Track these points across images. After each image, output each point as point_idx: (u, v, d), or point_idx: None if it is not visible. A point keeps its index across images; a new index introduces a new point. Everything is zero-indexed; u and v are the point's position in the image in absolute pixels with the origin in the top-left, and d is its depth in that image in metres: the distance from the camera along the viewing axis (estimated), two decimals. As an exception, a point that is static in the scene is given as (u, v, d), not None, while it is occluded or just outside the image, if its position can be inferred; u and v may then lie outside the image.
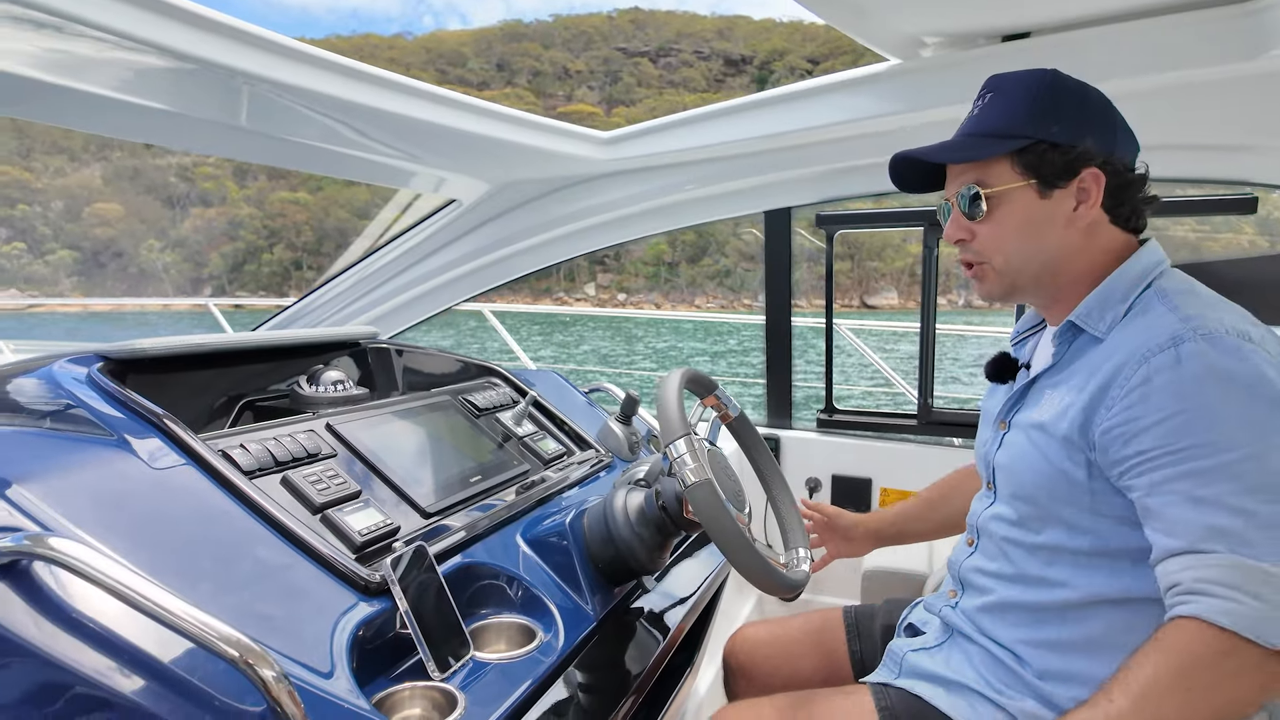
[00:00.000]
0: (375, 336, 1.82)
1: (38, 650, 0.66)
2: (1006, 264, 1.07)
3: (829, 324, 2.81)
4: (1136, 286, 1.03)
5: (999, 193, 1.04)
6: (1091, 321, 1.04)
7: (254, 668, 0.66)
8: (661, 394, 1.09)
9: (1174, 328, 0.93)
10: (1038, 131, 1.02)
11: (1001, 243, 1.06)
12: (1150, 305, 1.00)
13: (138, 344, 1.22)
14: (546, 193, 2.66)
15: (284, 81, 1.71)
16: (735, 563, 1.00)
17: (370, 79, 1.88)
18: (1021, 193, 1.03)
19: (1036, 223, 1.04)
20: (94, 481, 0.84)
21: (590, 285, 67.78)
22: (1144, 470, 0.91)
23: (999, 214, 1.05)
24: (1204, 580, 0.85)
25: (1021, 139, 1.02)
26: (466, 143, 2.21)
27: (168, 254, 75.65)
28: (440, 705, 0.86)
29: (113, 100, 1.68)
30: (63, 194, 74.61)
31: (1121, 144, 1.04)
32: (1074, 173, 1.02)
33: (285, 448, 1.08)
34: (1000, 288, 1.09)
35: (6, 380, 1.13)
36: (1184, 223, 2.56)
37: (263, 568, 0.86)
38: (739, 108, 2.35)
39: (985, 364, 1.22)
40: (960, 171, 1.08)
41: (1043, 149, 1.01)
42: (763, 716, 1.15)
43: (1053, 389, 1.06)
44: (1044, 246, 1.05)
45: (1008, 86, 1.06)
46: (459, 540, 1.10)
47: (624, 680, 1.09)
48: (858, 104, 2.22)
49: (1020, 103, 1.03)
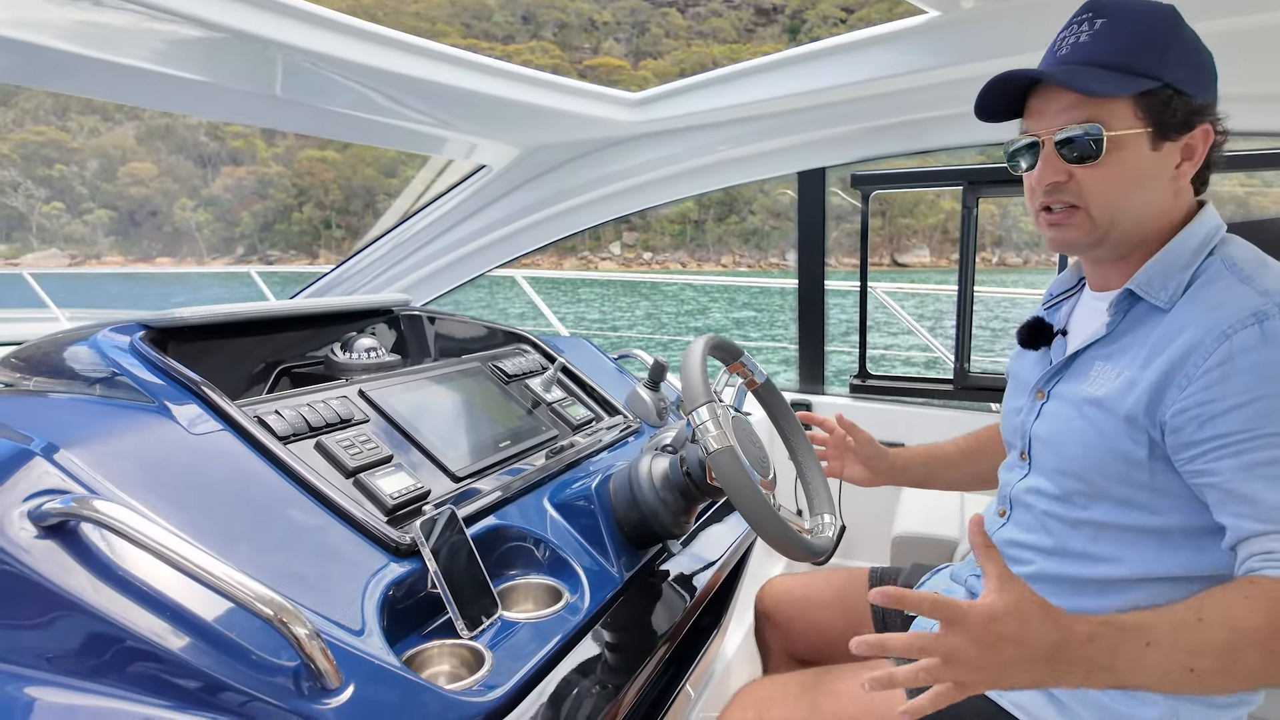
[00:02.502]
0: (408, 304, 1.84)
1: (85, 605, 0.70)
2: (1105, 214, 0.98)
3: (863, 287, 2.76)
4: (1200, 253, 0.96)
5: (1117, 136, 0.94)
6: (1152, 290, 0.97)
7: (288, 625, 0.69)
8: (685, 362, 1.10)
9: (1253, 302, 0.88)
10: (1167, 74, 0.92)
11: (1106, 190, 0.97)
12: (1218, 275, 0.94)
13: (178, 313, 1.26)
14: (576, 156, 2.65)
15: (318, 51, 1.72)
16: (756, 528, 1.01)
17: (404, 46, 1.88)
18: (1137, 140, 0.94)
19: (1144, 175, 0.96)
20: (136, 446, 0.88)
21: (616, 244, 67.18)
22: (1225, 454, 0.86)
23: (1111, 159, 0.95)
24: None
25: (1151, 80, 0.93)
26: (497, 107, 2.20)
27: (200, 213, 76.92)
28: (468, 662, 0.89)
29: (147, 72, 1.71)
30: (98, 153, 76.01)
31: (1215, 100, 0.98)
32: (1190, 126, 0.95)
33: (319, 413, 1.10)
34: (1089, 238, 1.00)
35: (55, 349, 1.18)
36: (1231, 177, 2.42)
37: (297, 529, 0.89)
38: (771, 65, 2.29)
39: (1018, 329, 1.17)
40: (1067, 106, 0.96)
41: (1169, 95, 0.93)
42: (789, 692, 1.15)
43: (1105, 361, 1.00)
44: (1146, 201, 0.98)
45: (1124, 16, 0.95)
46: (488, 503, 1.12)
47: (649, 639, 1.11)
48: (894, 59, 2.15)
49: (1148, 36, 0.94)
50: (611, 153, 2.60)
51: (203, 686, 0.70)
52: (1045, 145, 0.99)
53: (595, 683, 0.98)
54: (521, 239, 2.86)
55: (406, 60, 1.90)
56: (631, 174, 2.65)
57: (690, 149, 2.55)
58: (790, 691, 1.14)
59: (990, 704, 1.04)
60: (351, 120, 2.21)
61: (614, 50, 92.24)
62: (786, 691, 1.15)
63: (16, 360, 1.22)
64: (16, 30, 1.48)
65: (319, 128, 2.38)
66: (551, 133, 2.52)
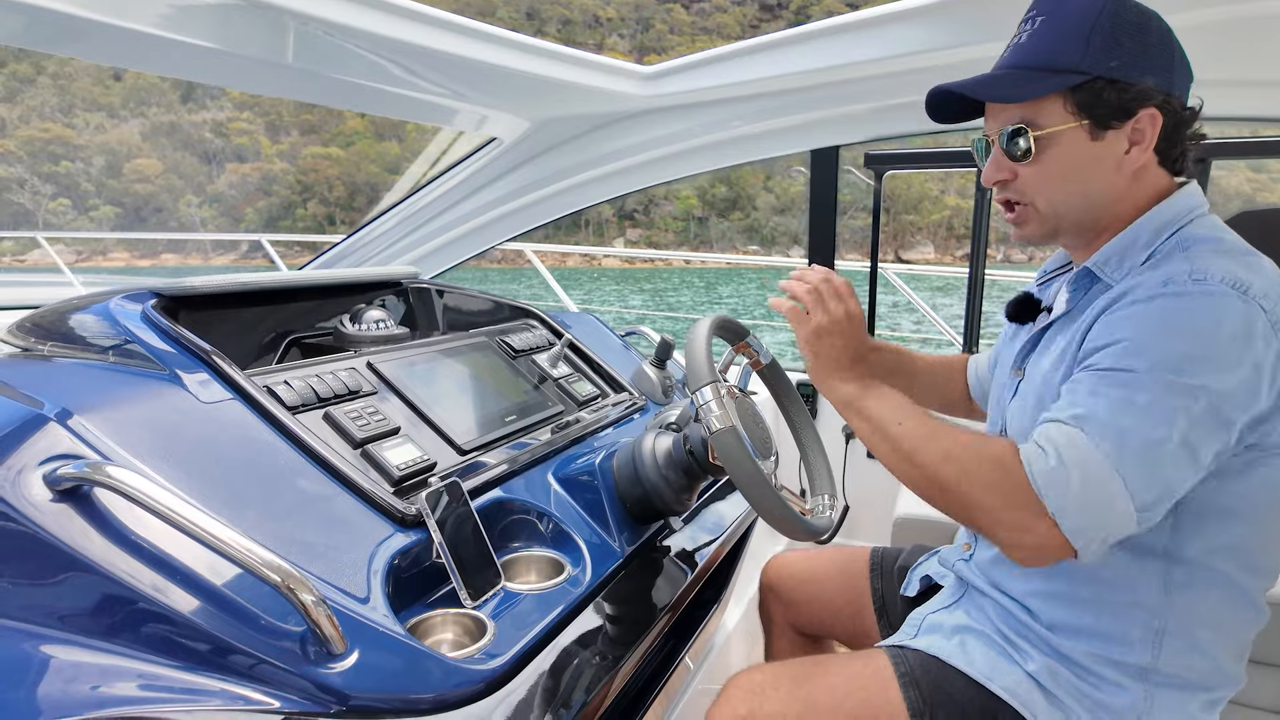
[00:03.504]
0: (416, 276, 1.85)
1: (98, 567, 0.72)
2: (1050, 208, 1.01)
3: (874, 268, 2.75)
4: (1161, 234, 0.97)
5: (1048, 134, 0.97)
6: (1109, 270, 0.99)
7: (295, 592, 0.71)
8: (690, 341, 1.10)
9: (1174, 270, 0.90)
10: (1094, 66, 0.94)
11: (1046, 186, 1.00)
12: (1170, 255, 0.95)
13: (189, 282, 1.27)
14: (587, 130, 2.63)
15: (331, 19, 1.71)
16: (756, 507, 1.02)
17: (415, 15, 1.86)
18: (1072, 134, 0.96)
19: (1085, 166, 0.98)
20: (148, 414, 0.89)
21: (619, 240, 66.96)
22: (1081, 371, 0.92)
23: (1046, 156, 0.98)
24: (1045, 437, 0.89)
25: (1076, 74, 0.94)
26: (508, 79, 2.19)
27: (205, 209, 76.73)
28: (471, 631, 0.91)
29: (157, 38, 1.71)
30: (103, 150, 75.77)
31: (1179, 78, 0.97)
32: (1130, 113, 0.95)
33: (328, 384, 1.12)
34: (1042, 231, 1.04)
35: (68, 315, 1.20)
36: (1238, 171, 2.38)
37: (305, 498, 0.91)
38: (784, 41, 2.26)
39: (1007, 304, 1.19)
40: (1003, 107, 1.01)
41: (1099, 86, 0.94)
42: (779, 680, 1.16)
43: (1061, 335, 1.03)
44: (1090, 190, 0.99)
45: (1061, 9, 0.97)
46: (493, 476, 1.14)
47: (649, 613, 1.13)
48: (911, 36, 2.12)
49: (1075, 31, 0.95)
50: (622, 127, 2.59)
51: (212, 649, 0.72)
52: (994, 145, 1.02)
53: (595, 653, 1.00)
54: (532, 212, 2.86)
55: (418, 30, 1.89)
56: (643, 149, 2.63)
57: (702, 124, 2.53)
58: (783, 681, 1.15)
59: (982, 691, 1.06)
60: (363, 90, 2.20)
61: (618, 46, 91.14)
62: (779, 681, 1.15)
63: (31, 325, 1.24)
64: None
65: (330, 97, 2.37)
66: (562, 105, 2.50)
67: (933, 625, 1.17)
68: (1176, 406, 0.85)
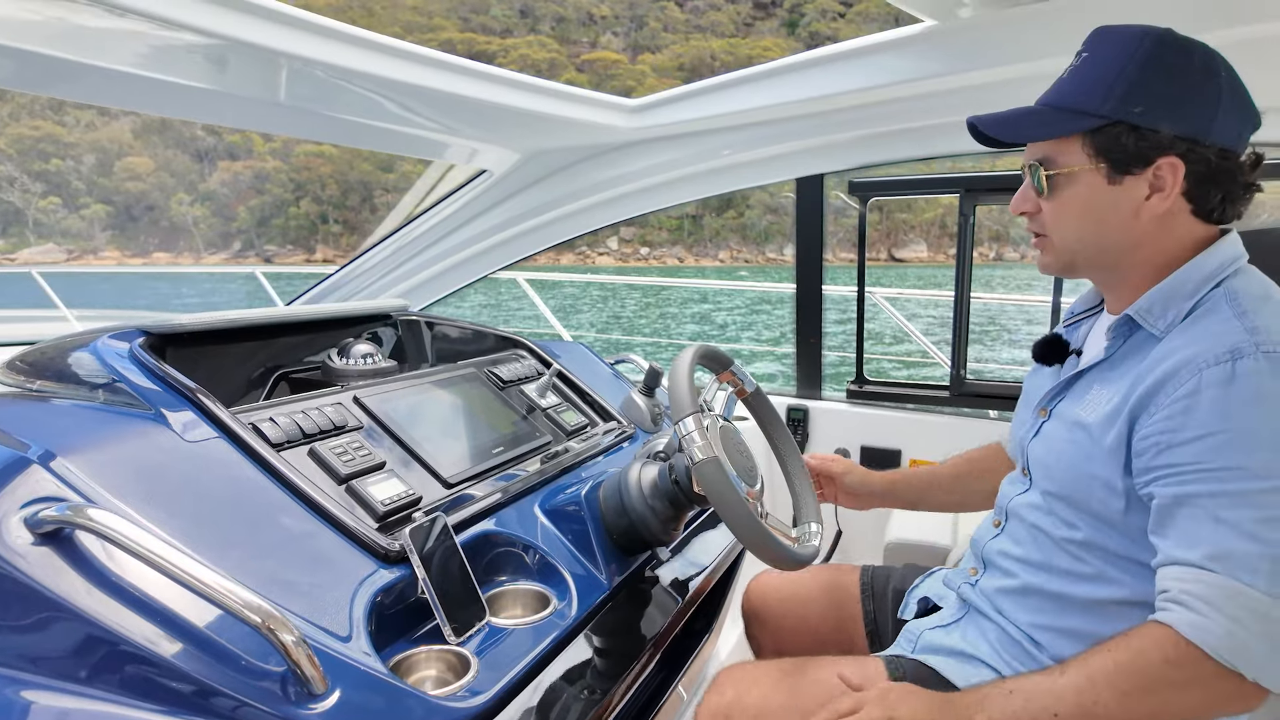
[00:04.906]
0: (406, 309, 1.86)
1: (79, 611, 0.72)
2: (1064, 244, 1.02)
3: (861, 292, 2.77)
4: (1206, 284, 0.95)
5: (1064, 174, 0.98)
6: (1151, 318, 0.98)
7: (275, 632, 0.71)
8: (672, 373, 1.11)
9: (1236, 339, 0.88)
10: (1116, 111, 0.93)
11: (1061, 223, 1.01)
12: (1217, 307, 0.93)
13: (178, 319, 1.28)
14: (576, 161, 2.66)
15: (323, 60, 1.74)
16: (740, 537, 1.03)
17: (404, 54, 1.90)
18: (1088, 176, 0.96)
19: (1100, 209, 0.97)
20: (132, 454, 0.90)
21: (613, 240, 67.01)
22: (1171, 482, 0.88)
23: (1062, 195, 0.99)
24: (1190, 594, 0.85)
25: (1095, 118, 0.94)
26: (496, 113, 2.22)
27: (197, 208, 76.32)
28: (455, 667, 0.91)
29: (150, 79, 1.73)
30: (94, 148, 75.47)
31: (1222, 124, 0.93)
32: (1149, 161, 0.93)
33: (313, 420, 1.12)
34: (1058, 264, 1.05)
35: (58, 354, 1.21)
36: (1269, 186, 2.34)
37: (288, 536, 0.91)
38: (769, 72, 2.30)
39: (1034, 344, 1.18)
40: (1033, 143, 1.02)
41: (1119, 131, 0.93)
42: (769, 672, 1.16)
43: (1101, 385, 1.02)
44: (1105, 233, 0.99)
45: (1105, 47, 0.96)
46: (479, 510, 1.14)
47: (637, 644, 1.13)
48: (893, 67, 2.16)
49: (1108, 72, 0.94)
50: (610, 158, 2.62)
51: (193, 691, 0.72)
52: (1026, 176, 1.04)
53: (582, 687, 1.00)
54: (522, 243, 2.88)
55: (407, 68, 1.92)
56: (630, 179, 2.66)
57: (688, 155, 2.56)
58: (771, 672, 1.16)
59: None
60: (354, 126, 2.23)
61: (612, 44, 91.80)
62: (767, 674, 1.16)
63: (22, 364, 1.25)
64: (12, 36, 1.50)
65: (321, 133, 2.40)
66: (551, 138, 2.54)
67: (931, 642, 1.17)
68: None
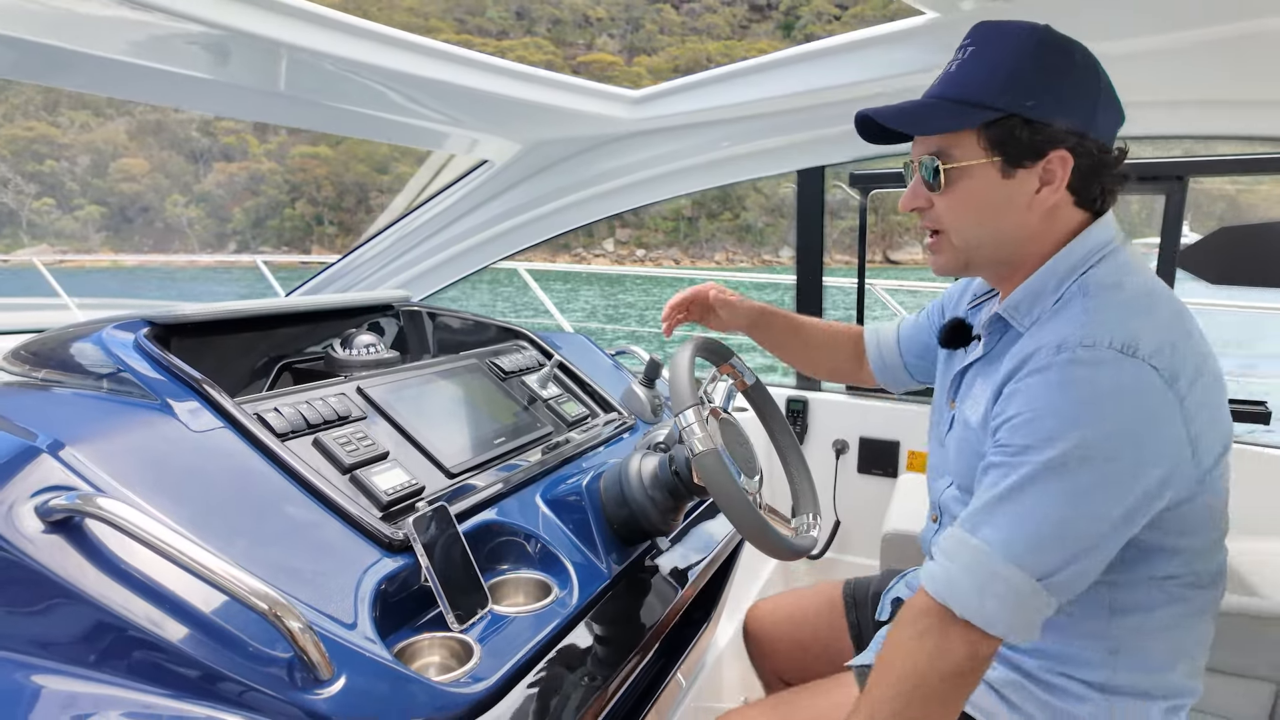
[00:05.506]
0: (408, 300, 1.87)
1: (89, 597, 0.74)
2: (962, 240, 1.01)
3: (861, 284, 2.78)
4: (1069, 277, 0.97)
5: (959, 168, 0.97)
6: (1019, 316, 1.00)
7: (282, 619, 0.73)
8: (673, 365, 1.12)
9: (1067, 333, 0.90)
10: (1011, 104, 0.92)
11: (957, 218, 1.00)
12: (1071, 301, 0.95)
13: (182, 309, 1.29)
14: (577, 152, 2.66)
15: (323, 50, 1.74)
16: (739, 528, 1.04)
17: (406, 45, 1.90)
18: (983, 170, 0.96)
19: (995, 203, 0.97)
20: (139, 444, 0.91)
21: (609, 241, 66.57)
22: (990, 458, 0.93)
23: (957, 189, 0.98)
24: (939, 548, 0.91)
25: (991, 111, 0.93)
26: (498, 104, 2.22)
27: (192, 209, 75.82)
28: (458, 654, 0.92)
29: (147, 69, 1.73)
30: (89, 149, 74.91)
31: (1102, 119, 0.95)
32: (1041, 154, 0.94)
33: (317, 410, 1.13)
34: (955, 263, 1.04)
35: (63, 343, 1.22)
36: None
37: (294, 525, 0.92)
38: (771, 64, 2.30)
39: (939, 329, 1.19)
40: (925, 136, 1.01)
41: (1014, 124, 0.92)
42: (762, 714, 1.19)
43: (983, 381, 1.04)
44: (1001, 227, 0.99)
45: (992, 42, 0.96)
46: (481, 499, 1.15)
47: (637, 632, 1.14)
48: (895, 59, 2.15)
49: (1000, 66, 0.93)
50: (612, 149, 2.62)
51: (201, 676, 0.74)
52: (914, 172, 1.03)
53: (583, 674, 1.01)
54: (523, 233, 2.88)
55: (408, 58, 1.92)
56: (631, 170, 2.66)
57: (690, 146, 2.56)
58: (765, 713, 1.19)
59: None
60: (354, 116, 2.23)
61: (608, 46, 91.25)
62: (762, 714, 1.19)
63: (26, 353, 1.26)
64: (13, 25, 1.50)
65: (322, 123, 2.40)
66: (552, 129, 2.54)
67: None
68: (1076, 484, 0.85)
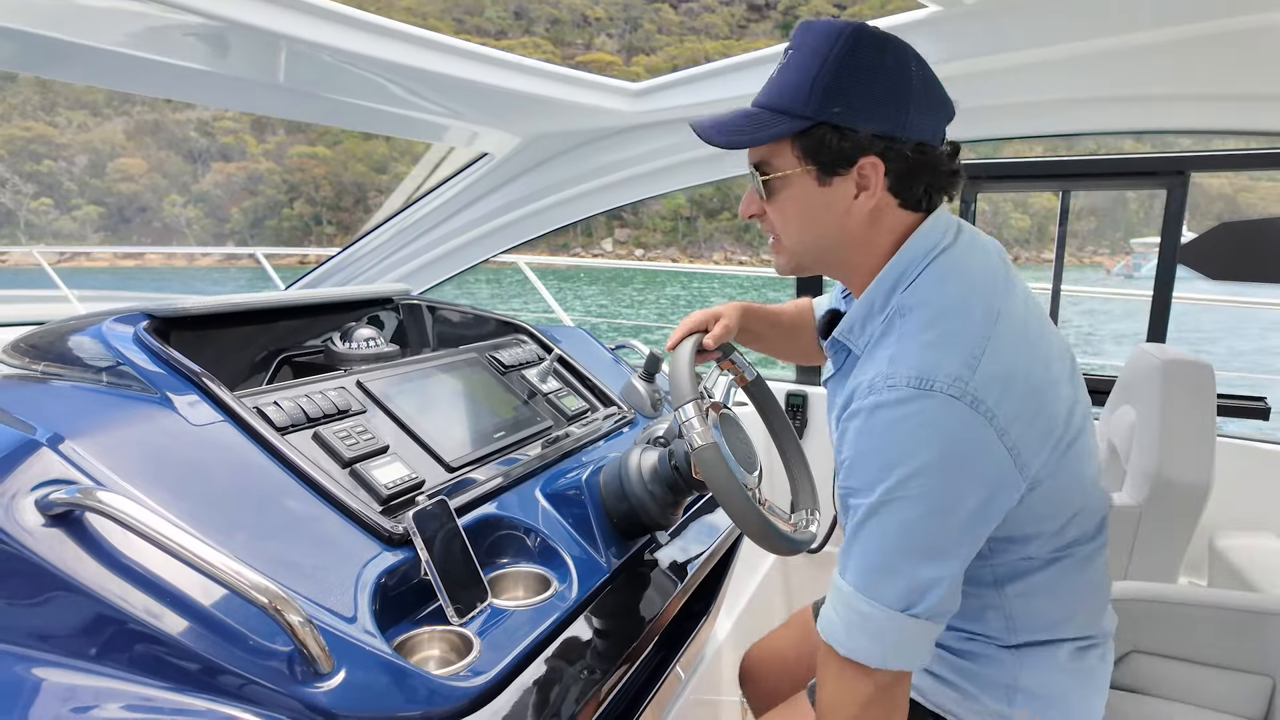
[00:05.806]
0: (408, 293, 1.87)
1: (89, 590, 0.74)
2: (791, 246, 1.02)
3: None
4: (892, 294, 0.97)
5: (779, 177, 0.97)
6: (853, 338, 1.02)
7: (282, 613, 0.73)
8: (673, 360, 1.12)
9: (878, 370, 0.91)
10: (819, 112, 0.91)
11: (784, 226, 1.00)
12: (892, 324, 0.96)
13: (181, 302, 1.29)
14: (577, 145, 2.66)
15: (322, 42, 1.73)
16: (738, 523, 1.04)
17: (407, 38, 1.89)
18: (800, 178, 0.96)
19: (815, 210, 0.97)
20: (139, 437, 0.91)
21: (607, 241, 66.38)
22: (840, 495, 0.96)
23: (780, 198, 0.98)
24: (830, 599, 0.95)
25: (802, 120, 0.92)
26: (499, 97, 2.21)
27: (190, 209, 75.66)
28: (458, 648, 0.92)
29: (146, 60, 1.73)
30: (86, 149, 74.70)
31: (916, 119, 0.93)
32: (852, 161, 0.93)
33: (317, 404, 1.14)
34: (789, 265, 1.05)
35: (63, 336, 1.22)
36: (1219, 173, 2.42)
37: (294, 519, 0.93)
38: (770, 58, 2.29)
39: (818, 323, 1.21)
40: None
41: (823, 132, 0.92)
42: None
43: (835, 398, 1.07)
44: (824, 234, 0.99)
45: (807, 45, 0.93)
46: (481, 493, 1.16)
47: (636, 626, 1.14)
48: None
49: (810, 71, 0.92)
50: (612, 142, 2.61)
51: (201, 669, 0.74)
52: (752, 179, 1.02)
53: (582, 667, 1.01)
54: (523, 226, 2.88)
55: (409, 51, 1.92)
56: (631, 163, 2.66)
57: (690, 140, 2.54)
58: None
59: None
60: (354, 109, 2.23)
61: (606, 46, 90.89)
62: None
63: (27, 345, 1.26)
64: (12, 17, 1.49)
65: (321, 116, 2.39)
66: (552, 122, 2.53)
67: None
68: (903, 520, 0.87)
